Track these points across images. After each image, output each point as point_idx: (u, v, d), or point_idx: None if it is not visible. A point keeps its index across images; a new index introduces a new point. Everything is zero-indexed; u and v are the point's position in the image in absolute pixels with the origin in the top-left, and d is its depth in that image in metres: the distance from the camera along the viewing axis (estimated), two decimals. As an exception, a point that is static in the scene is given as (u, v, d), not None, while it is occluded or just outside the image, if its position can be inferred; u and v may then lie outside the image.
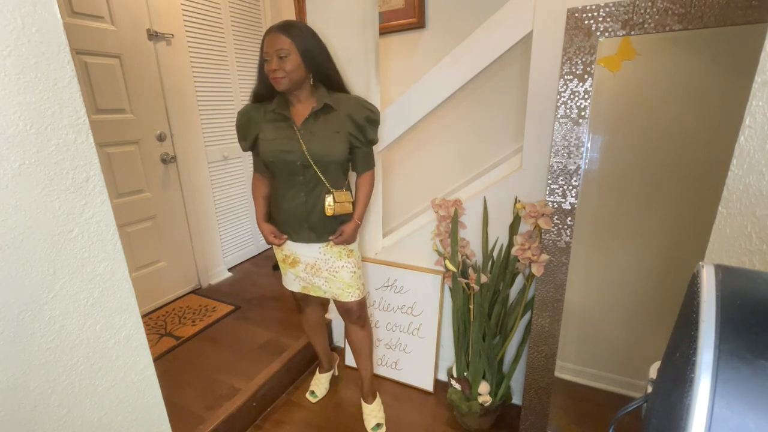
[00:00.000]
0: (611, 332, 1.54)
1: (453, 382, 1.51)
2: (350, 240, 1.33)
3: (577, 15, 1.08)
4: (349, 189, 1.33)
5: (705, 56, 1.20)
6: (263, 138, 1.25)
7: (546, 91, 1.23)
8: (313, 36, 1.18)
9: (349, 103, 1.24)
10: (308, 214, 1.28)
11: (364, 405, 1.56)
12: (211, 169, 2.58)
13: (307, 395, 1.69)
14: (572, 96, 1.12)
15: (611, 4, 1.04)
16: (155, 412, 0.94)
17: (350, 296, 1.38)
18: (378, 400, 1.58)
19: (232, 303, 2.34)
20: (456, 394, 1.48)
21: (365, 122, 1.24)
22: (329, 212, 1.26)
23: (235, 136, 2.71)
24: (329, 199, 1.26)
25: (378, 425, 1.51)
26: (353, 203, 1.32)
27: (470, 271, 1.41)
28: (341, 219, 1.32)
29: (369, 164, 1.32)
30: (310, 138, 1.21)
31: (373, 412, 1.53)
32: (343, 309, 1.43)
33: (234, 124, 2.66)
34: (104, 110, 1.95)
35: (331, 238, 1.32)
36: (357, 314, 1.43)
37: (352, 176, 1.36)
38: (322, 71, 1.22)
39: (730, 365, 0.34)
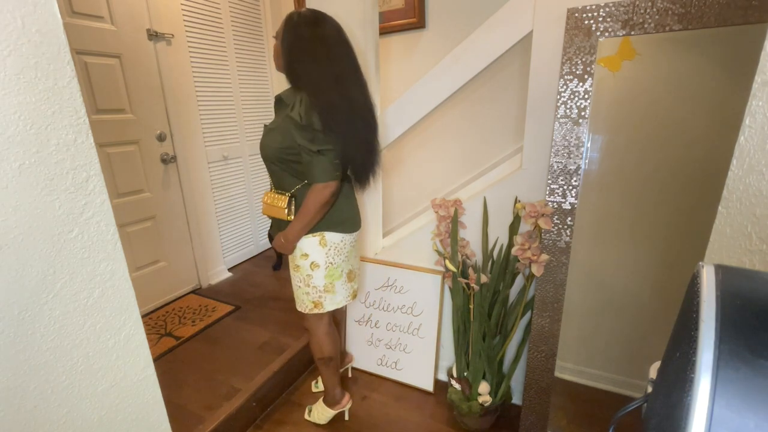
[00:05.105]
0: (611, 332, 1.54)
1: (453, 382, 1.51)
2: (281, 250, 1.27)
3: (577, 15, 1.08)
4: (295, 195, 1.23)
5: (705, 56, 1.20)
6: None
7: (546, 91, 1.22)
8: (297, 24, 1.12)
9: (294, 101, 1.13)
10: None
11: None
12: (211, 169, 2.58)
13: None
14: (572, 96, 1.12)
15: (611, 4, 1.04)
16: (155, 412, 0.94)
17: (297, 304, 1.37)
18: (320, 403, 1.56)
19: (232, 303, 2.33)
20: (456, 394, 1.48)
21: (288, 120, 1.13)
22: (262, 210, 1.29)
23: (235, 136, 2.74)
24: (264, 198, 1.28)
25: (309, 409, 1.58)
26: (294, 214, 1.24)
27: (470, 271, 1.41)
28: (282, 224, 1.26)
29: (312, 176, 1.15)
30: (264, 130, 1.24)
31: (315, 406, 1.57)
32: None
33: (234, 124, 2.68)
34: (104, 110, 1.95)
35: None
36: (304, 323, 1.42)
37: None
38: (286, 62, 1.15)
39: (730, 365, 0.34)
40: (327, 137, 1.11)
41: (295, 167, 1.20)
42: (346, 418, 1.57)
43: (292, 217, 1.23)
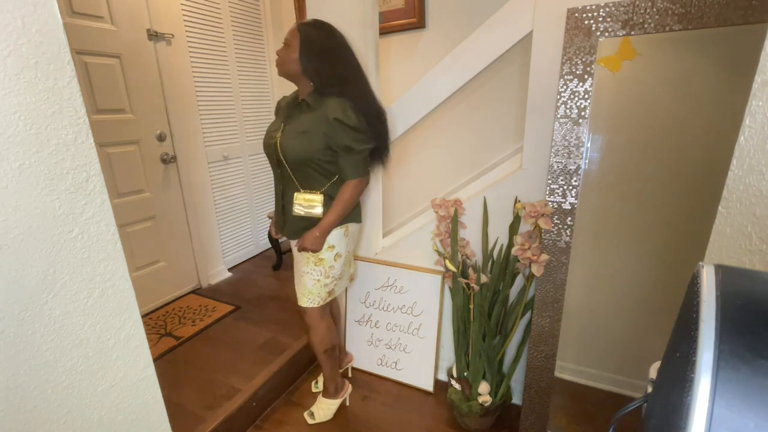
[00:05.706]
0: (611, 332, 1.54)
1: (453, 382, 1.51)
2: (310, 248, 1.28)
3: (577, 15, 1.08)
4: (325, 194, 1.28)
5: (705, 56, 1.20)
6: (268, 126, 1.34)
7: (546, 91, 1.22)
8: (319, 35, 1.18)
9: (330, 105, 1.19)
10: (283, 208, 1.34)
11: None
12: (211, 169, 2.58)
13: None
14: (572, 96, 1.12)
15: (611, 4, 1.04)
16: (155, 412, 0.94)
17: (304, 301, 1.37)
18: (321, 399, 1.57)
19: (232, 303, 2.33)
20: (456, 394, 1.48)
21: (334, 123, 1.17)
22: (294, 211, 1.30)
23: (235, 136, 2.74)
24: (294, 198, 1.30)
25: (310, 413, 1.55)
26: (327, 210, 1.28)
27: (470, 271, 1.41)
28: (310, 222, 1.29)
29: (349, 173, 1.25)
30: (286, 133, 1.25)
31: (317, 405, 1.57)
32: (300, 310, 1.42)
33: (234, 124, 2.68)
34: (104, 110, 1.95)
35: (292, 240, 1.35)
36: (307, 319, 1.42)
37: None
38: (312, 69, 1.20)
39: (730, 365, 0.34)
40: (370, 136, 1.24)
41: (326, 167, 1.25)
42: (347, 404, 1.61)
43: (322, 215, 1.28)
